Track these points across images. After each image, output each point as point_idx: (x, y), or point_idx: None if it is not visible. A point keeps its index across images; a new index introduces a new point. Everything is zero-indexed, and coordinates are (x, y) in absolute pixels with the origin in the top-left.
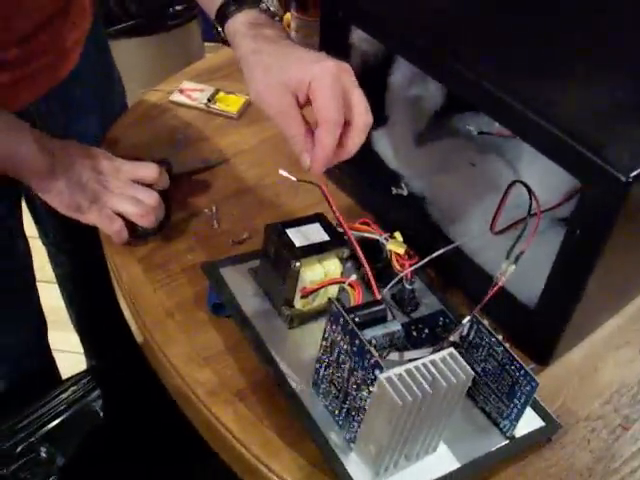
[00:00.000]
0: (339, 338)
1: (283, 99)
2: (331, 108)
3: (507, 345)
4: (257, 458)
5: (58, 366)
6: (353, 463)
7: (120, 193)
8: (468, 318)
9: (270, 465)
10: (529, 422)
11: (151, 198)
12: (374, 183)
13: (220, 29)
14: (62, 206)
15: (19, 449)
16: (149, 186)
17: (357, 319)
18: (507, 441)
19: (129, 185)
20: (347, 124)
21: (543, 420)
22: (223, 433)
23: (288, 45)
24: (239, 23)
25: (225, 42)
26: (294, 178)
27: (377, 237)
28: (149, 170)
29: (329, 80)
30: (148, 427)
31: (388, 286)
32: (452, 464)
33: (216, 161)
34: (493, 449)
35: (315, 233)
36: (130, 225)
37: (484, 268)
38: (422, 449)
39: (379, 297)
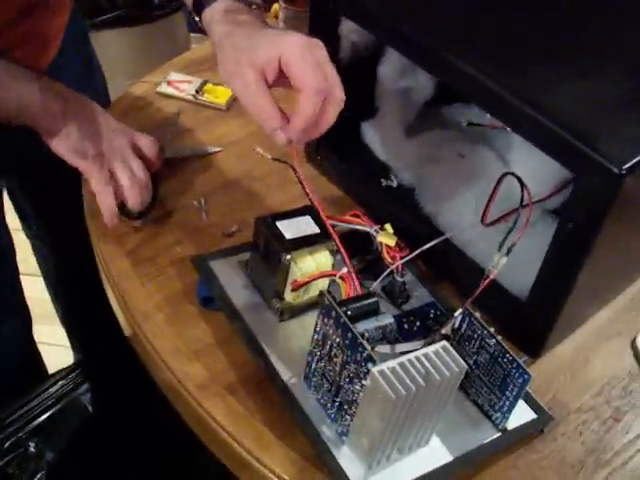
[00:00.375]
0: (331, 331)
1: (249, 75)
2: (310, 75)
3: (499, 338)
4: (248, 452)
5: (45, 359)
6: (345, 457)
7: (123, 161)
8: (460, 311)
9: (262, 459)
10: (521, 414)
11: (142, 172)
12: (364, 175)
13: (197, 18)
14: (67, 149)
15: (7, 444)
16: None
17: (349, 312)
18: (499, 433)
19: (132, 154)
20: None
21: (535, 412)
22: (214, 427)
23: (261, 27)
24: (215, 11)
25: (203, 31)
26: (269, 156)
27: (367, 229)
28: (150, 141)
29: (300, 52)
30: (138, 421)
31: (379, 279)
32: (445, 457)
33: (202, 150)
34: (485, 442)
35: (305, 225)
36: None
37: (475, 260)
38: (415, 442)
39: (360, 292)
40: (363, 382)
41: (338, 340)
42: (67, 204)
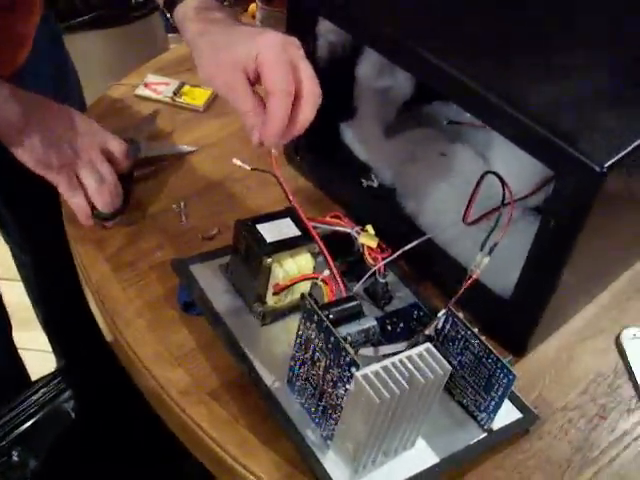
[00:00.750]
0: (313, 335)
1: (233, 76)
2: (278, 78)
3: (483, 338)
4: (233, 458)
5: (27, 365)
6: (331, 461)
7: (91, 166)
8: (443, 311)
9: (246, 464)
10: (506, 414)
11: (110, 176)
12: (344, 175)
13: (169, 15)
14: (32, 161)
15: None
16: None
17: (331, 316)
18: (485, 434)
19: (99, 157)
20: (297, 98)
21: (520, 412)
22: (197, 433)
23: (235, 24)
24: (187, 8)
25: (176, 29)
26: (248, 167)
27: (349, 230)
28: (119, 145)
29: (274, 51)
30: (121, 427)
31: (361, 280)
32: (431, 458)
33: (179, 149)
34: (471, 442)
35: (286, 228)
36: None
37: (457, 259)
38: (400, 445)
39: (345, 295)
40: (347, 386)
41: (321, 344)
42: (45, 210)
